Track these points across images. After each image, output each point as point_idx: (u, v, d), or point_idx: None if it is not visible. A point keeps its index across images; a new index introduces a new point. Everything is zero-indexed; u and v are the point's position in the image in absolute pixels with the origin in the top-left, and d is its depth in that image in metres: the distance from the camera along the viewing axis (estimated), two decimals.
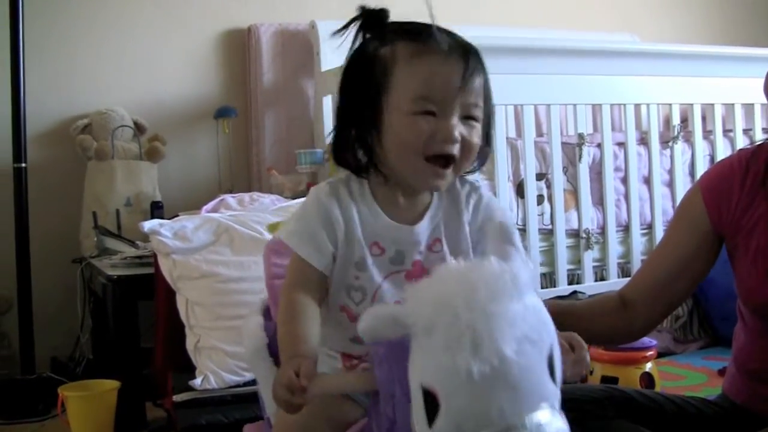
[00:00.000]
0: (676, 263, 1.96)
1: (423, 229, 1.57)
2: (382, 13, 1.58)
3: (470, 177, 1.63)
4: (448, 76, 1.47)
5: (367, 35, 1.57)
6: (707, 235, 1.93)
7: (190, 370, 2.96)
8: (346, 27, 1.57)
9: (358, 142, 1.55)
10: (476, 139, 1.49)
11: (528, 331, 1.11)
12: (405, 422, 1.20)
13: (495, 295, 1.11)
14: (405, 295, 1.20)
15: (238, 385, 2.87)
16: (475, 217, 1.59)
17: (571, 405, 1.80)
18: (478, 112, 1.50)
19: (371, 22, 1.57)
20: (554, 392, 1.14)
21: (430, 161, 1.48)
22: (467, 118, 1.48)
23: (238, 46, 4.57)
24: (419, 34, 1.51)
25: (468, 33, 1.52)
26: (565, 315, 1.72)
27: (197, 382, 2.87)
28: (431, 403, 1.11)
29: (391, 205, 1.56)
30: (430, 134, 1.46)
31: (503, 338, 1.08)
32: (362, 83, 1.53)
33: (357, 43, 1.57)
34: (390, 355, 1.25)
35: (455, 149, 1.47)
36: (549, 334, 1.15)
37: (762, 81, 1.92)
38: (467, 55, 1.49)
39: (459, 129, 1.47)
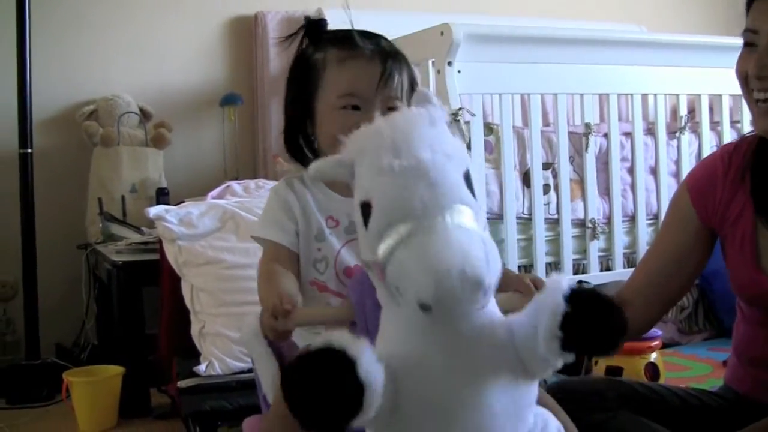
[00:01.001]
0: (670, 261, 2.01)
1: None
2: (321, 24, 1.83)
3: None
4: (369, 76, 1.72)
5: (306, 42, 1.83)
6: (698, 230, 1.98)
7: (194, 356, 2.96)
8: (294, 35, 1.85)
9: (301, 135, 1.82)
10: None
11: (443, 146, 1.23)
12: (377, 329, 1.30)
13: (411, 120, 1.26)
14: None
15: (242, 372, 2.87)
16: None
17: (574, 397, 1.83)
18: (399, 104, 1.62)
19: (311, 31, 1.82)
20: (474, 204, 1.22)
21: None
22: (389, 109, 1.63)
23: (245, 33, 4.56)
24: (346, 41, 1.76)
25: (476, 22, 1.60)
26: None
27: (202, 368, 2.87)
28: (367, 211, 1.22)
29: (339, 184, 1.73)
30: (355, 125, 1.52)
31: (419, 146, 1.21)
32: (301, 84, 1.80)
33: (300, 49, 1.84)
34: (361, 279, 1.41)
35: None
36: (464, 157, 1.26)
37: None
38: (386, 58, 1.74)
39: None
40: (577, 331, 1.17)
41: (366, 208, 1.23)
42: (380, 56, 1.74)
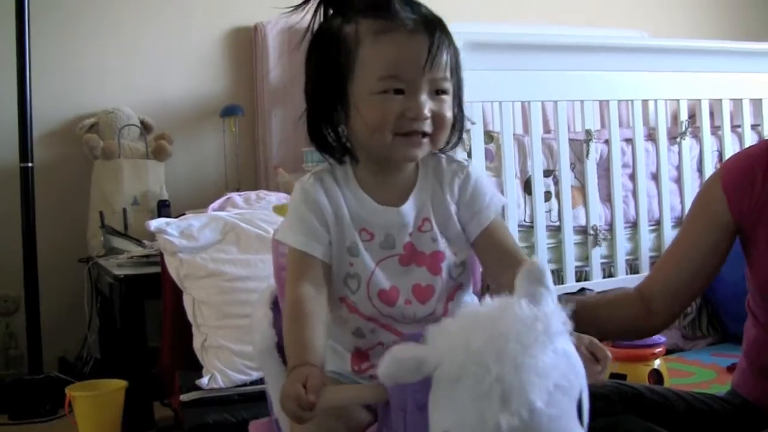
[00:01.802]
0: (698, 258, 1.92)
1: (409, 209, 1.55)
2: None
3: (459, 157, 1.61)
4: (414, 53, 1.45)
5: (330, 11, 1.54)
6: (726, 227, 1.89)
7: (197, 369, 2.96)
8: (306, 2, 1.56)
9: (329, 125, 1.53)
10: (448, 112, 1.48)
11: (559, 379, 1.07)
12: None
13: (525, 346, 1.06)
14: (428, 338, 1.15)
15: (245, 384, 2.87)
16: (462, 196, 1.57)
17: None
18: (447, 85, 1.49)
19: None
20: None
21: (403, 137, 1.46)
22: (437, 92, 1.47)
23: (245, 44, 4.56)
24: (383, 9, 1.48)
25: (476, 29, 1.53)
26: (583, 310, 1.70)
27: (204, 381, 2.86)
28: None
29: (376, 187, 1.55)
30: (400, 112, 1.45)
31: (533, 390, 1.04)
32: (327, 65, 1.51)
33: (318, 20, 1.55)
34: (406, 405, 1.21)
35: (427, 126, 1.46)
36: (579, 379, 1.11)
37: None
38: (433, 29, 1.47)
39: (429, 105, 1.46)
40: None
41: None
42: (426, 27, 1.48)
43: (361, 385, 1.52)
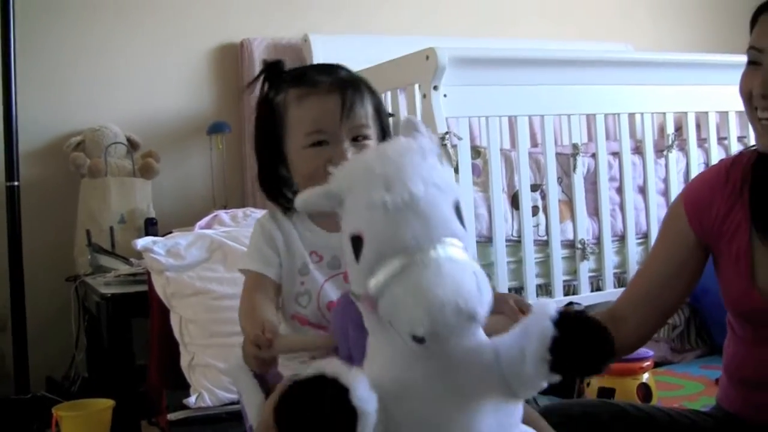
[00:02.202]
0: (665, 276, 1.99)
1: None
2: (278, 65, 1.85)
3: None
4: (330, 109, 1.73)
5: (266, 86, 1.86)
6: (692, 245, 1.96)
7: (184, 387, 2.95)
8: (255, 80, 1.88)
9: (276, 179, 1.83)
10: None
11: (433, 178, 1.24)
12: (362, 357, 1.32)
13: (402, 153, 1.26)
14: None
15: (232, 403, 2.85)
16: None
17: (567, 419, 1.83)
18: (368, 132, 1.77)
19: (270, 73, 1.85)
20: (464, 235, 1.24)
21: None
22: (357, 139, 1.75)
23: (231, 60, 4.56)
24: (302, 78, 1.79)
25: (462, 45, 1.59)
26: None
27: (192, 400, 2.86)
28: (358, 244, 1.23)
29: (325, 218, 1.77)
30: (327, 160, 1.69)
31: (411, 179, 1.22)
32: (267, 129, 1.82)
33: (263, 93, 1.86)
34: (344, 303, 1.44)
35: None
36: (453, 187, 1.27)
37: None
38: (346, 88, 1.75)
39: (351, 151, 1.72)
40: (566, 354, 1.20)
41: (357, 242, 1.24)
42: (339, 87, 1.75)
43: (312, 334, 1.77)
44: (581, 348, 1.21)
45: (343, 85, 1.76)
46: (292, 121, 1.77)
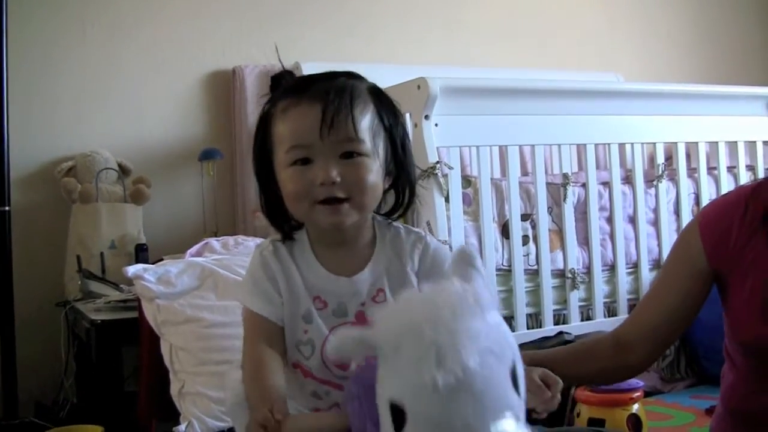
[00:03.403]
0: (675, 304, 1.95)
1: (363, 279, 1.61)
2: (282, 76, 1.72)
3: (419, 230, 1.70)
4: (310, 121, 1.51)
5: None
6: (703, 273, 1.92)
7: (174, 415, 2.94)
8: (269, 94, 1.67)
9: (278, 200, 1.62)
10: (365, 174, 1.54)
11: (490, 345, 1.14)
12: None
13: (457, 313, 1.15)
14: (372, 318, 1.22)
15: (222, 431, 2.85)
16: (422, 266, 1.64)
17: None
18: (361, 147, 1.53)
19: (275, 84, 1.71)
20: (518, 404, 1.16)
21: (322, 205, 1.54)
22: (347, 155, 1.53)
23: (223, 87, 4.57)
24: (291, 89, 1.59)
25: (453, 75, 1.55)
26: (554, 364, 1.72)
27: (181, 428, 2.84)
28: (399, 418, 1.13)
29: (331, 256, 1.62)
30: (311, 181, 1.52)
31: (466, 351, 1.11)
32: (260, 145, 1.64)
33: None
34: (361, 391, 1.31)
35: (339, 191, 1.52)
36: (511, 349, 1.19)
37: (755, 120, 1.92)
38: (328, 96, 1.52)
39: (337, 169, 1.51)
40: None
41: (398, 412, 1.15)
42: (322, 96, 1.53)
43: (325, 413, 1.61)
44: None
45: (329, 91, 1.54)
46: (276, 137, 1.59)
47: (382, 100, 1.62)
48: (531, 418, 1.26)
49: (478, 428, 1.10)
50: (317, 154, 1.52)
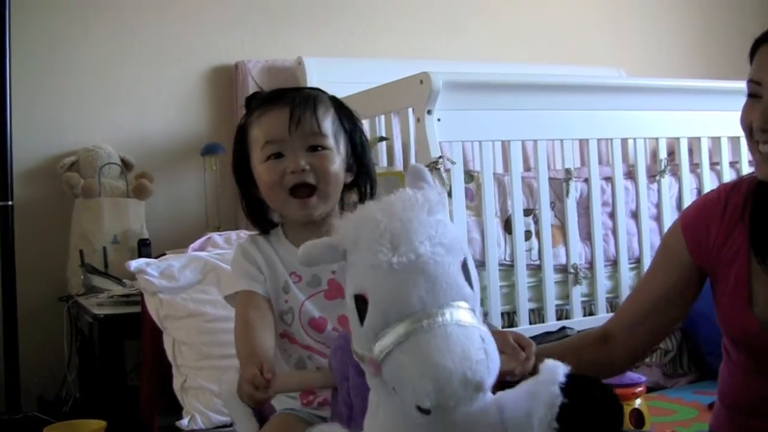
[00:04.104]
0: (657, 297, 1.99)
1: None
2: (255, 96, 1.91)
3: None
4: (280, 121, 1.78)
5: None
6: (688, 269, 1.96)
7: (177, 410, 2.94)
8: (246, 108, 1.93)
9: (254, 202, 1.90)
10: (329, 165, 1.81)
11: (440, 237, 1.24)
12: (362, 403, 1.32)
13: (408, 208, 1.26)
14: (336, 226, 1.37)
15: (224, 425, 2.85)
16: None
17: None
18: (325, 142, 1.81)
19: (249, 102, 1.91)
20: (472, 297, 1.24)
21: (294, 195, 1.79)
22: (313, 148, 1.80)
23: (226, 82, 4.57)
24: (264, 101, 1.86)
25: (455, 69, 1.58)
26: (545, 354, 1.73)
27: (184, 422, 2.85)
28: (362, 306, 1.23)
29: (303, 239, 1.69)
30: (283, 170, 1.78)
31: (418, 238, 1.22)
32: (239, 151, 1.90)
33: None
34: (342, 343, 1.44)
35: (308, 177, 1.78)
36: (460, 245, 1.28)
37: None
38: (294, 101, 1.80)
39: (305, 159, 1.78)
40: (575, 425, 1.19)
41: (361, 302, 1.24)
42: (290, 102, 1.80)
43: (310, 371, 1.77)
44: (590, 417, 1.19)
45: (295, 98, 1.82)
46: (252, 140, 1.84)
47: (341, 107, 1.90)
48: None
49: (434, 307, 1.18)
50: (287, 148, 1.78)
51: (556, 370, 1.23)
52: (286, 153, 1.78)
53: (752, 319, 1.84)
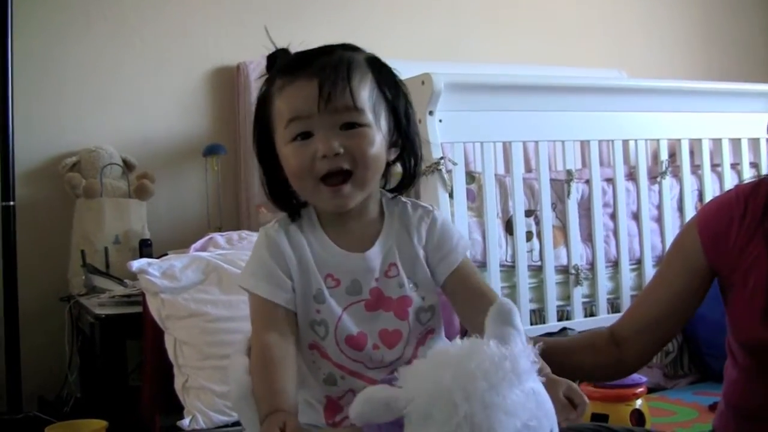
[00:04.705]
0: (670, 301, 1.95)
1: (375, 254, 1.58)
2: (277, 55, 1.61)
3: (425, 203, 1.67)
4: (307, 94, 1.49)
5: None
6: (701, 271, 1.91)
7: (178, 410, 2.94)
8: (268, 70, 1.62)
9: (279, 182, 1.59)
10: (367, 146, 1.51)
11: (528, 419, 1.09)
12: None
13: (493, 385, 1.08)
14: (399, 378, 1.18)
15: (226, 425, 2.86)
16: (429, 240, 1.61)
17: None
18: (361, 118, 1.51)
19: (271, 63, 1.61)
20: None
21: (326, 182, 1.51)
22: (348, 126, 1.50)
23: (227, 83, 4.57)
24: (288, 67, 1.55)
25: (457, 71, 1.53)
26: (554, 352, 1.70)
27: (185, 422, 2.85)
28: None
29: (341, 232, 1.58)
30: (311, 154, 1.49)
31: (502, 429, 1.06)
32: (260, 126, 1.60)
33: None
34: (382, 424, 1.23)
35: (342, 162, 1.49)
36: (548, 419, 1.14)
37: (759, 116, 1.90)
38: (325, 70, 1.50)
39: (339, 140, 1.49)
40: None
41: None
42: (319, 71, 1.51)
43: (337, 428, 1.54)
44: None
45: (324, 68, 1.52)
46: (275, 114, 1.55)
47: (381, 71, 1.60)
48: None
49: None
50: (317, 126, 1.50)
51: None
52: (316, 132, 1.49)
53: (766, 330, 1.81)
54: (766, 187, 1.88)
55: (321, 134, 1.49)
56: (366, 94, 1.53)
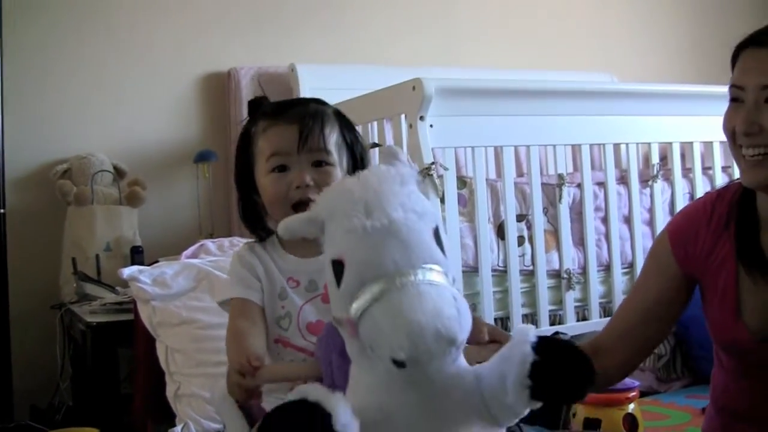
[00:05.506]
0: (649, 309, 2.00)
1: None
2: (259, 101, 1.97)
3: None
4: (288, 136, 1.83)
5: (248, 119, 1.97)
6: (677, 278, 1.97)
7: (170, 417, 2.94)
8: (248, 118, 1.97)
9: (254, 209, 1.93)
10: (332, 180, 1.83)
11: (413, 204, 1.29)
12: (345, 384, 1.34)
13: (382, 180, 1.31)
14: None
15: None
16: None
17: None
18: (329, 158, 1.85)
19: (253, 109, 1.96)
20: (444, 261, 1.27)
21: (296, 209, 1.79)
22: (318, 164, 1.84)
23: (218, 89, 4.57)
24: (271, 112, 1.90)
25: (447, 75, 1.59)
26: None
27: (177, 430, 2.84)
28: (338, 270, 1.26)
29: (298, 246, 1.86)
30: (287, 184, 1.83)
31: (391, 205, 1.27)
32: (242, 159, 1.93)
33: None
34: (327, 333, 1.45)
35: (311, 193, 1.79)
36: (433, 213, 1.31)
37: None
38: (304, 118, 1.84)
39: (311, 175, 1.82)
40: (546, 380, 1.21)
41: (338, 266, 1.27)
42: (299, 118, 1.84)
43: (297, 363, 1.80)
44: (561, 373, 1.22)
45: (304, 114, 1.86)
46: (258, 150, 1.87)
47: (344, 121, 1.93)
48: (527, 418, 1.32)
49: (406, 268, 1.22)
50: (293, 162, 1.83)
51: (526, 331, 1.26)
52: (291, 167, 1.83)
53: (741, 326, 1.85)
54: (733, 191, 1.94)
55: (297, 169, 1.83)
56: (333, 139, 1.88)
